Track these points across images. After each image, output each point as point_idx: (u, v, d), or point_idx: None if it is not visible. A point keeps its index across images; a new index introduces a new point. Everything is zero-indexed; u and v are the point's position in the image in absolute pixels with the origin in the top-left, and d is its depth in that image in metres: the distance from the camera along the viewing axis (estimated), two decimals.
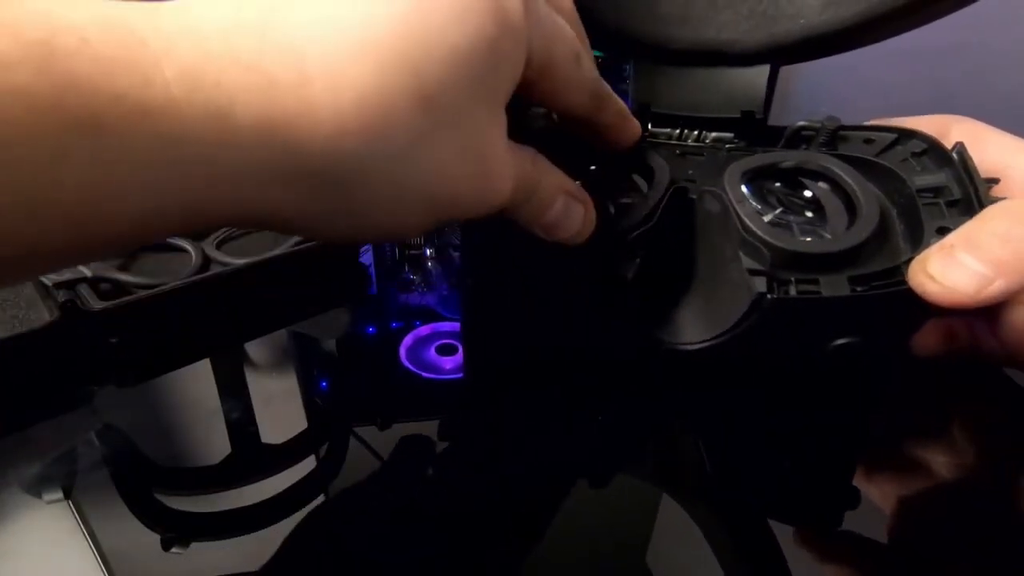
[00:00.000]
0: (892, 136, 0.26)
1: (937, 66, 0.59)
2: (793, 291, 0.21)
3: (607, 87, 0.24)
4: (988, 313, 0.25)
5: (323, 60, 0.16)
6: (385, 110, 0.17)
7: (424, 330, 0.54)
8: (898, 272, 0.21)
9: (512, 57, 0.20)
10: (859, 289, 0.21)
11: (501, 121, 0.20)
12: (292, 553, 0.26)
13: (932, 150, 0.24)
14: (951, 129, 0.25)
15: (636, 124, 0.26)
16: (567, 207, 0.23)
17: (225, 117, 0.15)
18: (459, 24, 0.18)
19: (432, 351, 0.54)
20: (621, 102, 0.26)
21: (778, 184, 0.25)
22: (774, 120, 0.29)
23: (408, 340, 0.52)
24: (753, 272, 0.22)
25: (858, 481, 0.28)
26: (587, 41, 0.24)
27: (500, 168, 0.21)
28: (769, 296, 0.21)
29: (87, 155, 0.14)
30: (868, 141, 0.26)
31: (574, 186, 0.24)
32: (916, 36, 0.27)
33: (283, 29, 0.16)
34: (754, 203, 0.24)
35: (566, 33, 0.22)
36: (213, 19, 0.16)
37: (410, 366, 0.50)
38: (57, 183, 0.14)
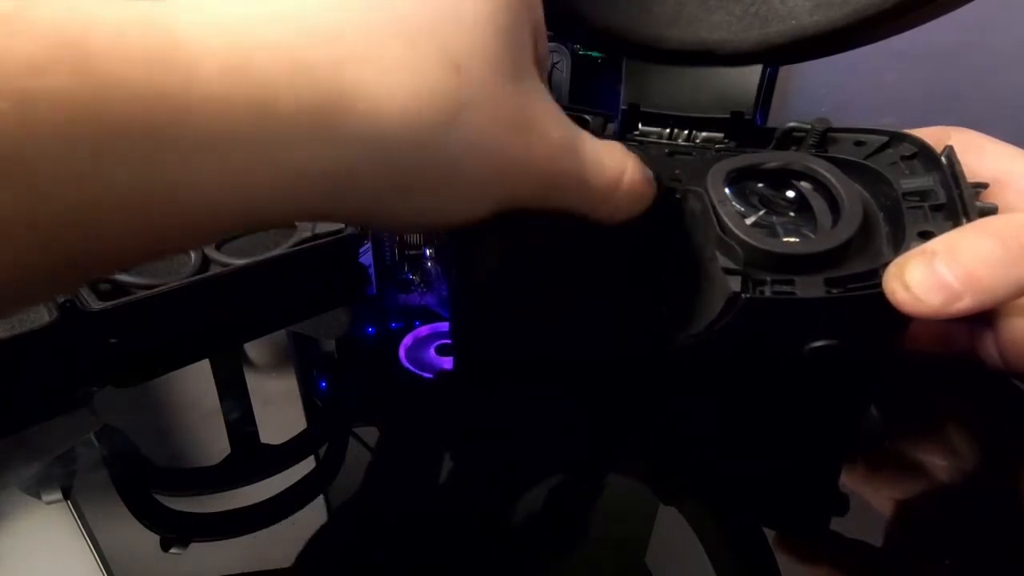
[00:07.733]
0: (883, 139, 0.25)
1: (938, 67, 0.58)
2: (768, 291, 0.21)
3: None
4: (985, 321, 0.25)
5: (355, 43, 0.16)
6: (422, 83, 0.17)
7: (423, 330, 0.54)
8: (876, 275, 0.21)
9: (525, 21, 0.20)
10: (834, 291, 0.21)
11: (534, 82, 0.20)
12: (291, 553, 0.26)
13: (922, 154, 0.24)
14: (950, 139, 0.25)
15: None
16: (647, 191, 0.24)
17: (269, 108, 0.15)
18: None
19: (432, 351, 0.54)
20: None
21: (761, 185, 0.25)
22: (773, 121, 0.29)
23: (408, 340, 0.52)
24: (728, 271, 0.21)
25: (852, 483, 0.28)
26: None
27: (542, 127, 0.20)
28: (743, 295, 0.21)
29: (134, 158, 0.13)
30: (858, 143, 0.26)
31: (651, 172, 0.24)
32: (917, 37, 0.26)
33: (312, 15, 0.16)
34: (736, 204, 0.24)
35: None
36: (239, 14, 0.15)
37: (410, 366, 0.50)
38: (103, 189, 0.13)
